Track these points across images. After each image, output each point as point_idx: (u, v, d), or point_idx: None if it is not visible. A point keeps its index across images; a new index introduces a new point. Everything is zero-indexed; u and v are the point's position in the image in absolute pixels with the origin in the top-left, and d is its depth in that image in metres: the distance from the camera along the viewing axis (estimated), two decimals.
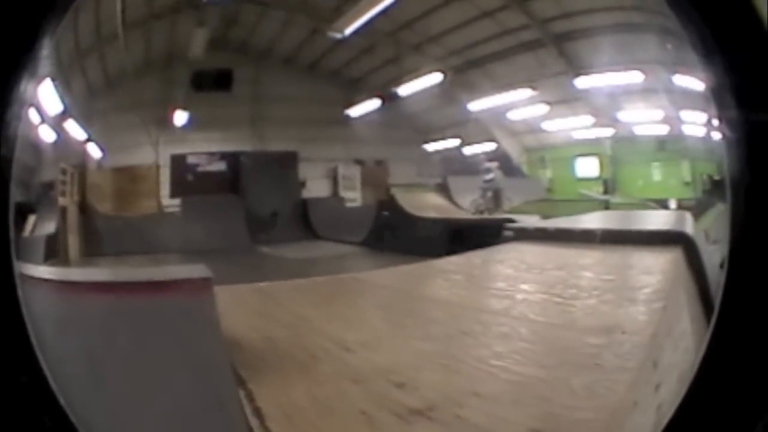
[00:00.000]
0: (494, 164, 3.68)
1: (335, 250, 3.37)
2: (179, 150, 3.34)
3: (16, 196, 1.06)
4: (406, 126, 3.42)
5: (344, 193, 3.44)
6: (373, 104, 3.21)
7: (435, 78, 3.30)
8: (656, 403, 2.29)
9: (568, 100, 3.51)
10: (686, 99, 3.57)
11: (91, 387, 1.21)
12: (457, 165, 3.69)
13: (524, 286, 2.77)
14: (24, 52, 1.14)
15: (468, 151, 3.60)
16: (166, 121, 3.20)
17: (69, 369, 1.11)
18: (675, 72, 3.46)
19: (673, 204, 3.91)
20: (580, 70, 3.37)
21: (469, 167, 3.62)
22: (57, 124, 2.61)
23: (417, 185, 3.62)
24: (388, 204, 3.51)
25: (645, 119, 3.58)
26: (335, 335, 2.36)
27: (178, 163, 3.40)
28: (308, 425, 1.76)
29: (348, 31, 3.18)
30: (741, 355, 1.25)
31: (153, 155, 3.33)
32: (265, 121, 3.32)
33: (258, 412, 1.77)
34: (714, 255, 3.92)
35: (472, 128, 3.47)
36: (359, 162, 3.50)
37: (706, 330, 2.86)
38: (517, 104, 3.43)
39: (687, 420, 1.29)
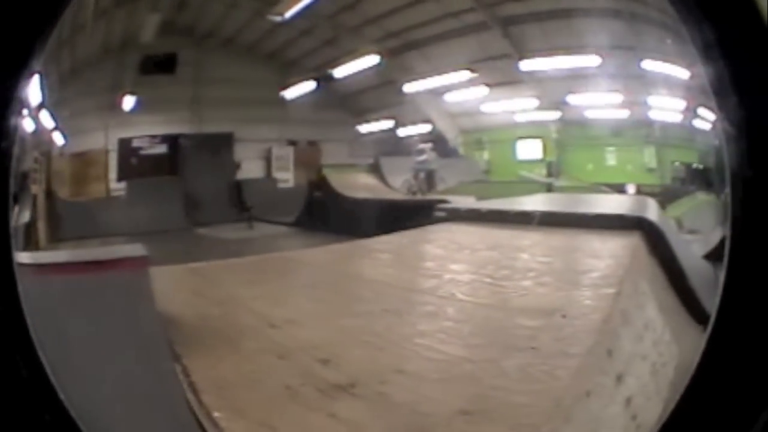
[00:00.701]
0: (428, 145, 3.85)
1: (268, 230, 3.47)
2: (127, 134, 3.50)
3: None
4: (339, 107, 3.59)
5: (277, 174, 3.55)
6: (308, 86, 3.34)
7: (371, 60, 3.47)
8: (623, 395, 2.36)
9: (511, 83, 3.72)
10: (658, 85, 3.81)
11: (64, 369, 1.29)
12: (390, 146, 3.87)
13: (453, 266, 2.95)
14: (27, 49, 1.29)
15: (402, 132, 3.77)
16: (116, 106, 3.37)
17: (50, 353, 1.27)
18: (644, 58, 3.70)
19: (631, 189, 4.07)
20: (525, 53, 3.61)
21: (402, 148, 3.78)
22: (35, 114, 2.79)
23: (349, 166, 3.75)
24: (320, 184, 3.65)
25: (599, 103, 3.79)
26: (263, 313, 2.56)
27: (124, 146, 3.58)
28: (237, 399, 1.92)
29: (289, 14, 3.40)
30: (742, 351, 1.31)
31: (104, 140, 3.51)
32: (204, 103, 3.48)
33: (193, 387, 1.95)
34: (692, 245, 4.08)
35: (407, 109, 3.66)
36: (292, 143, 3.63)
37: (683, 322, 2.94)
38: (455, 86, 3.63)
39: (688, 415, 1.34)
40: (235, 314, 2.60)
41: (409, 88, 3.66)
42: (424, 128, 3.88)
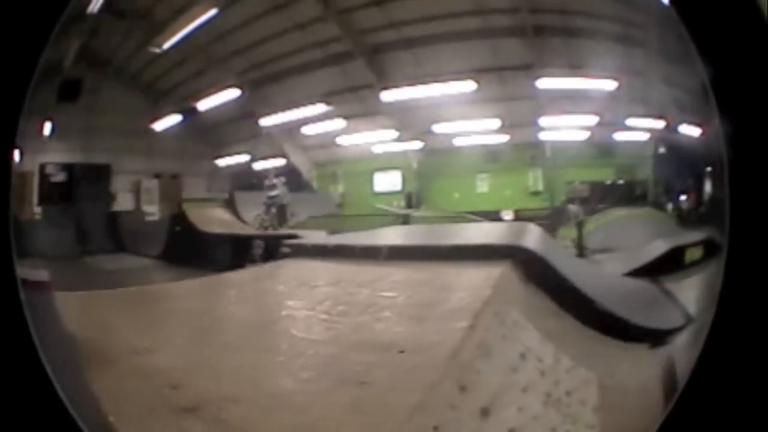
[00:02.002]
0: (280, 179, 4.22)
1: (138, 262, 4.05)
2: (45, 159, 4.10)
3: None
4: (200, 141, 4.04)
5: (145, 207, 4.14)
6: (174, 118, 3.91)
7: (233, 93, 4.04)
8: (499, 428, 2.58)
9: (371, 114, 4.04)
10: (558, 103, 4.05)
11: None
12: (244, 180, 4.29)
13: (291, 302, 3.45)
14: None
15: (258, 166, 4.15)
16: (38, 131, 4.03)
17: None
18: (540, 77, 3.95)
19: (507, 215, 4.27)
20: (389, 82, 3.92)
21: (256, 182, 4.23)
22: None
23: (207, 200, 4.35)
24: (180, 219, 4.19)
25: (472, 130, 4.03)
26: (130, 340, 3.05)
27: (41, 172, 4.25)
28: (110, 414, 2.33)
29: (167, 45, 3.85)
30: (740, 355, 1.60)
31: (31, 163, 4.15)
32: (93, 133, 4.06)
33: None
34: (605, 264, 4.24)
35: (262, 143, 4.05)
36: (158, 176, 4.15)
37: (595, 344, 3.17)
38: (311, 119, 3.98)
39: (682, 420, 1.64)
40: (107, 340, 3.00)
41: (265, 121, 4.07)
42: (279, 162, 4.29)
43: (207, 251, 4.04)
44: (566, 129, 4.17)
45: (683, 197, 5.11)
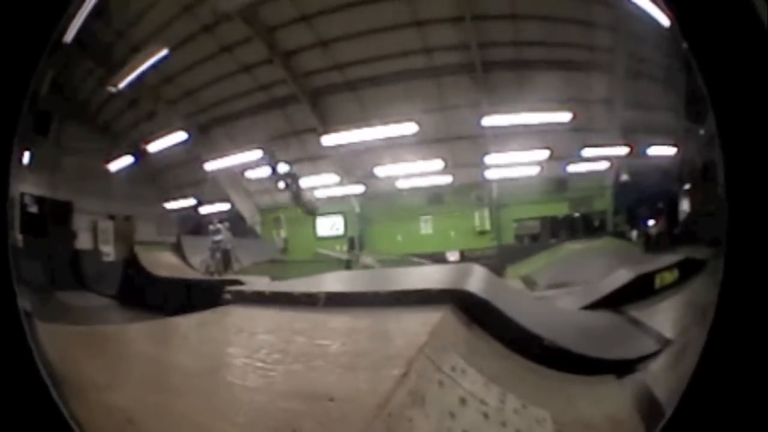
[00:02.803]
0: (224, 225, 4.52)
1: (98, 301, 4.36)
2: (23, 188, 4.55)
3: None
4: (150, 183, 4.32)
5: (102, 247, 4.43)
6: (126, 159, 4.17)
7: (180, 136, 4.28)
8: None
9: (313, 158, 4.28)
10: (506, 141, 4.23)
11: None
12: (191, 224, 4.59)
13: (230, 350, 3.70)
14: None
15: (204, 210, 4.46)
16: (19, 159, 4.43)
17: None
18: (486, 114, 4.14)
19: (453, 256, 4.48)
20: (330, 126, 4.15)
21: (202, 227, 4.50)
22: None
23: (156, 243, 4.62)
24: (132, 261, 4.56)
25: (414, 171, 4.25)
26: (92, 376, 3.34)
27: (21, 201, 4.63)
28: None
29: (122, 85, 4.16)
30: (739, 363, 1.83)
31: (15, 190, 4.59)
32: (58, 169, 4.39)
33: None
34: (559, 300, 4.42)
35: (208, 188, 4.34)
36: (112, 217, 4.45)
37: (551, 381, 3.44)
38: (254, 164, 4.25)
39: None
40: (76, 373, 3.21)
41: (210, 165, 4.36)
42: (223, 207, 4.59)
43: (156, 294, 4.43)
44: (515, 166, 4.36)
45: (651, 222, 5.23)
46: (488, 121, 4.09)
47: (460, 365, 3.57)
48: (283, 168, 4.51)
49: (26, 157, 4.65)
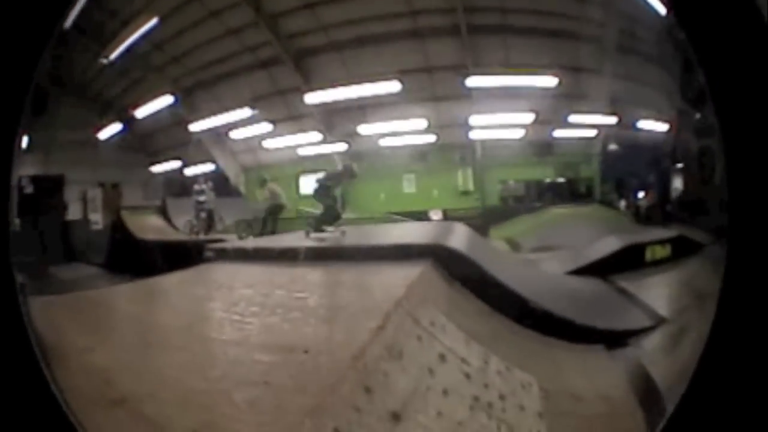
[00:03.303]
0: (208, 185, 4.54)
1: (87, 271, 4.46)
2: (21, 172, 4.67)
3: None
4: (138, 148, 4.38)
5: (91, 216, 4.45)
6: (115, 127, 4.22)
7: (167, 100, 4.31)
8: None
9: (296, 117, 4.30)
10: (492, 101, 4.20)
11: None
12: (176, 187, 4.62)
13: (209, 305, 3.75)
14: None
15: (189, 172, 4.48)
16: (18, 143, 4.54)
17: None
18: (470, 75, 4.12)
19: (435, 215, 4.44)
20: (313, 85, 4.17)
21: (187, 189, 4.51)
22: None
23: (142, 207, 4.62)
24: (119, 226, 4.63)
25: (398, 130, 4.23)
26: (75, 340, 3.42)
27: (18, 184, 4.74)
28: None
29: (113, 55, 4.23)
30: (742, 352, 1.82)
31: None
32: (53, 146, 4.46)
33: None
34: (543, 263, 4.31)
35: (192, 149, 4.37)
36: (101, 185, 4.49)
37: (536, 344, 3.36)
38: (239, 124, 4.27)
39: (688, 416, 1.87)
40: (60, 340, 3.29)
41: (195, 127, 4.41)
42: (208, 168, 4.62)
43: (141, 257, 4.43)
44: (500, 128, 4.35)
45: (641, 194, 5.16)
46: (472, 82, 4.09)
47: (440, 321, 3.53)
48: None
49: (24, 141, 4.84)
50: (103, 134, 4.36)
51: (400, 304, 3.35)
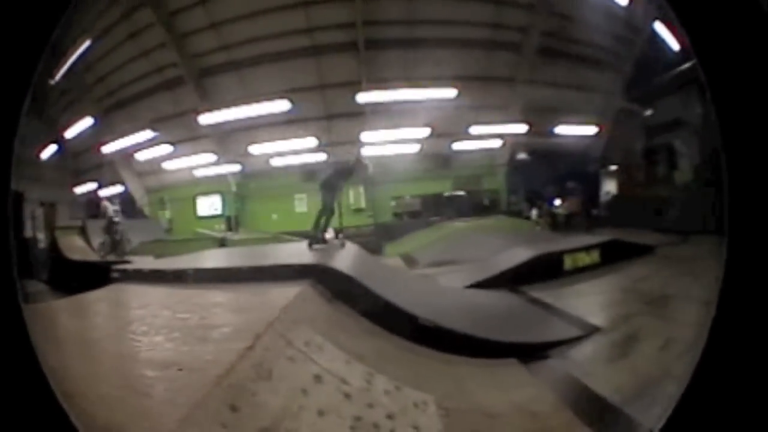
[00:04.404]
0: (116, 207, 4.61)
1: (35, 287, 4.67)
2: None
3: None
4: (68, 168, 4.54)
5: (37, 234, 4.73)
6: (53, 146, 4.42)
7: (88, 121, 4.44)
8: None
9: (193, 138, 4.29)
10: (385, 117, 4.04)
11: None
12: (94, 208, 4.73)
13: (109, 323, 3.96)
14: None
15: (102, 193, 4.59)
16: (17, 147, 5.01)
17: None
18: (363, 91, 3.95)
19: (328, 234, 4.32)
20: (209, 105, 4.13)
21: (101, 210, 4.64)
22: None
23: (69, 227, 4.81)
24: (53, 246, 4.87)
25: (288, 149, 4.13)
26: None
27: None
28: None
29: (58, 76, 4.40)
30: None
31: None
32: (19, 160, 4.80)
33: None
34: (441, 278, 4.12)
35: (106, 171, 4.47)
36: (42, 204, 4.73)
37: (435, 362, 3.41)
38: (143, 145, 4.31)
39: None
40: None
41: (107, 148, 4.51)
42: (118, 190, 4.71)
43: (70, 276, 4.68)
44: (392, 143, 4.21)
45: (557, 202, 4.81)
46: (363, 97, 4.02)
47: (316, 341, 3.60)
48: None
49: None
50: (44, 153, 4.65)
51: (272, 324, 3.48)
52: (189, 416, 2.77)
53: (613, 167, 4.40)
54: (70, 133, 4.64)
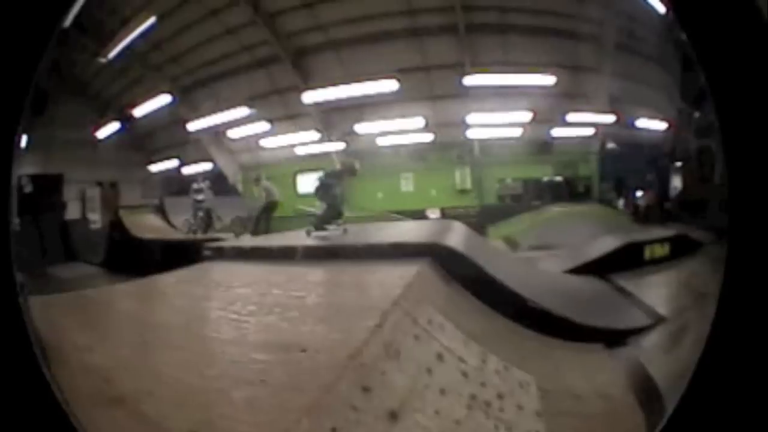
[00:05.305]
0: (206, 184, 4.53)
1: (83, 270, 4.45)
2: (21, 171, 4.66)
3: None
4: (136, 147, 4.38)
5: (89, 215, 4.44)
6: (114, 126, 4.21)
7: (165, 99, 4.30)
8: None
9: (294, 116, 4.29)
10: (490, 100, 4.20)
11: None
12: (174, 186, 4.61)
13: (206, 304, 3.76)
14: None
15: (186, 171, 4.48)
16: (18, 144, 4.54)
17: None
18: (468, 74, 4.10)
19: (433, 214, 4.43)
20: (311, 84, 4.16)
21: (184, 187, 4.51)
22: None
23: (140, 207, 4.62)
24: (117, 226, 4.64)
25: (396, 129, 4.22)
26: (75, 339, 3.40)
27: (18, 183, 4.74)
28: None
29: (111, 55, 4.21)
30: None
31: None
32: (53, 145, 4.44)
33: None
34: (540, 262, 4.27)
35: (190, 148, 4.37)
36: (99, 184, 4.48)
37: (532, 343, 3.34)
38: (237, 123, 4.27)
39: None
40: (60, 340, 3.44)
41: (193, 126, 4.40)
42: (206, 167, 4.62)
43: (140, 256, 4.44)
44: (497, 127, 4.34)
45: (639, 193, 5.14)
46: (470, 80, 4.08)
47: (437, 320, 3.51)
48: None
49: (24, 140, 4.84)
50: (102, 133, 4.36)
51: (398, 303, 3.35)
52: (319, 402, 2.59)
53: (679, 164, 4.62)
54: (140, 111, 4.32)
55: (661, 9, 2.82)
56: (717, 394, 1.80)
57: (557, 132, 4.43)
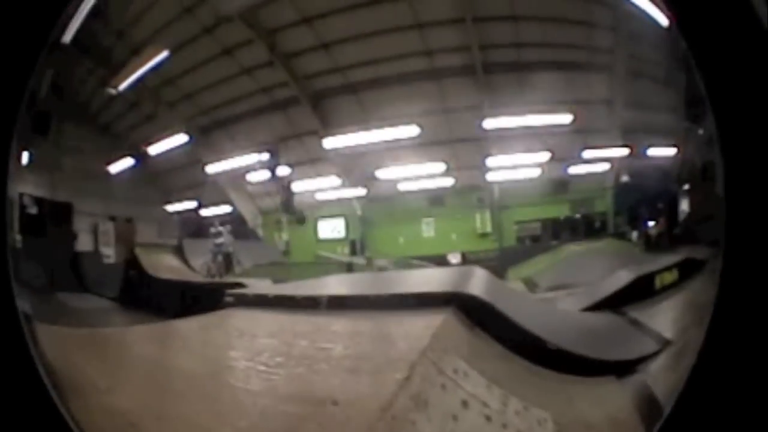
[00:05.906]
0: (225, 227, 4.52)
1: (98, 303, 4.37)
2: (22, 189, 4.52)
3: None
4: (151, 185, 4.32)
5: (102, 249, 4.40)
6: (127, 162, 4.15)
7: (181, 138, 4.25)
8: None
9: (315, 161, 4.28)
10: (508, 143, 4.24)
11: None
12: (192, 227, 4.58)
13: (231, 353, 3.67)
14: None
15: (205, 213, 4.45)
16: (18, 159, 4.40)
17: None
18: (487, 117, 4.14)
19: (454, 259, 4.49)
20: (331, 129, 4.14)
21: (203, 229, 4.49)
22: None
23: (157, 245, 4.59)
24: (133, 263, 4.59)
25: (415, 174, 4.25)
26: (93, 378, 3.36)
27: (20, 202, 4.61)
28: None
29: (122, 86, 4.13)
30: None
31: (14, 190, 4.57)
32: (58, 170, 4.36)
33: None
34: (558, 302, 4.40)
35: (209, 190, 4.33)
36: (113, 218, 4.44)
37: (551, 383, 3.40)
38: (256, 166, 4.24)
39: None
40: (75, 374, 3.27)
41: (211, 168, 4.35)
42: (224, 209, 4.59)
43: (157, 296, 4.42)
44: (516, 168, 4.36)
45: (651, 223, 5.22)
46: (490, 123, 4.08)
47: (462, 368, 3.56)
48: (280, 171, 4.55)
49: (25, 157, 4.65)
50: (114, 167, 4.27)
51: (425, 353, 3.38)
52: None
53: (686, 186, 4.68)
54: (154, 150, 4.22)
55: (664, 21, 2.87)
56: (715, 394, 1.88)
57: (574, 169, 4.46)
